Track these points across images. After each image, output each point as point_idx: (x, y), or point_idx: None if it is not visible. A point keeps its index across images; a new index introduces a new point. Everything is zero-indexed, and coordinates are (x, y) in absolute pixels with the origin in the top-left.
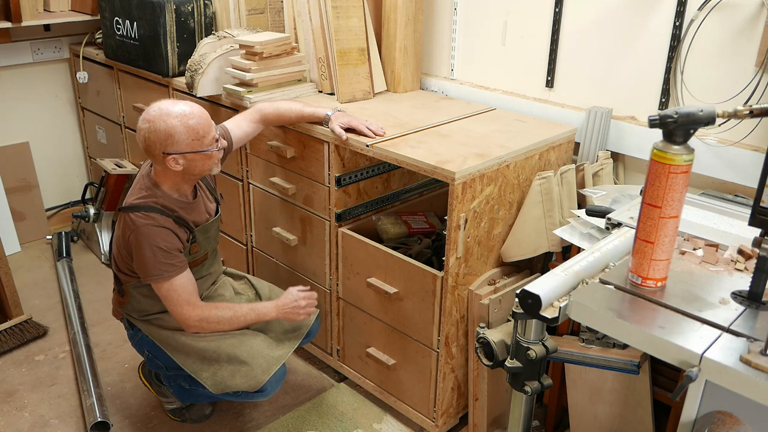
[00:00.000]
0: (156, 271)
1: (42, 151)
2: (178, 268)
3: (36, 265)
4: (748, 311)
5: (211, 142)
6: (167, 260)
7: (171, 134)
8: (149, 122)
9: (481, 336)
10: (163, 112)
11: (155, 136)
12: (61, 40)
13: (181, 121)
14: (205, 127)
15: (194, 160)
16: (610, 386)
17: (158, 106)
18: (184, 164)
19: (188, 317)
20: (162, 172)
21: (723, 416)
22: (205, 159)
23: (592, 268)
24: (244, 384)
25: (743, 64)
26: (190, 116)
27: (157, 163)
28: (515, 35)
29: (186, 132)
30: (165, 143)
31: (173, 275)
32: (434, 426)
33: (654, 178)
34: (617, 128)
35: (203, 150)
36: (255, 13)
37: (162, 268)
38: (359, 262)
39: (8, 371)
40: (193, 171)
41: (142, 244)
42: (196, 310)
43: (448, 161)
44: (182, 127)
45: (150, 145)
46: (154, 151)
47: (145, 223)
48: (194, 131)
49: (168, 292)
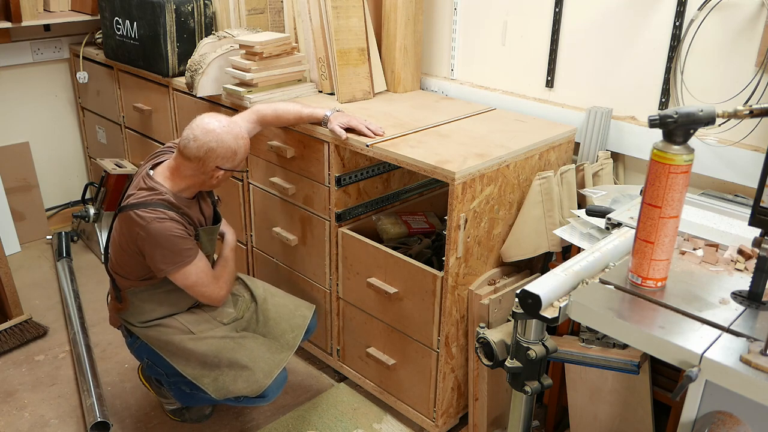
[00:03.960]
0: (179, 257)
1: (42, 151)
2: (196, 250)
3: (36, 265)
4: (748, 311)
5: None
6: (185, 246)
7: (236, 153)
8: (218, 137)
9: (481, 336)
10: (234, 131)
11: (223, 151)
12: (61, 40)
13: (244, 145)
14: (245, 153)
15: (226, 176)
16: (610, 386)
17: (222, 122)
18: (220, 178)
19: (218, 290)
20: (186, 175)
21: (723, 416)
22: (221, 176)
23: (592, 268)
24: (246, 389)
25: (743, 64)
26: (246, 141)
27: (197, 170)
28: (515, 35)
29: (243, 154)
30: (226, 159)
31: (194, 256)
32: (434, 426)
33: (654, 178)
34: (617, 128)
35: (241, 171)
36: (255, 13)
37: (184, 254)
38: (359, 262)
39: (8, 371)
40: (213, 184)
41: (157, 237)
42: (220, 280)
43: (448, 161)
44: (243, 150)
45: (211, 156)
46: (209, 162)
47: (155, 216)
48: (245, 154)
49: (197, 277)
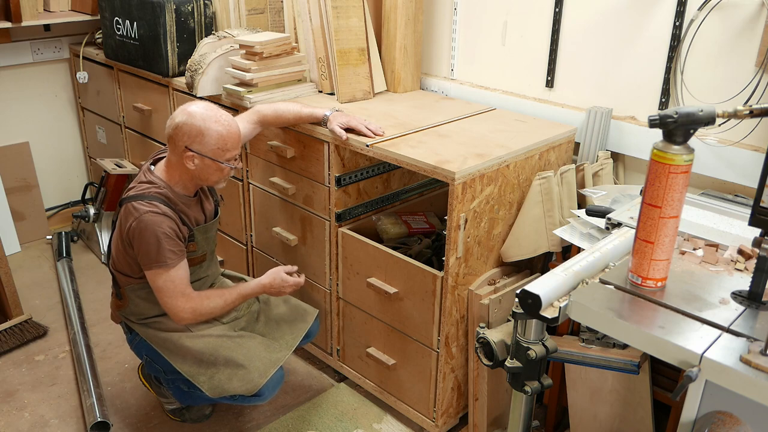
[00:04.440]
0: (160, 257)
1: (42, 151)
2: (179, 257)
3: (36, 265)
4: (748, 311)
5: (230, 159)
6: (170, 247)
7: (203, 134)
8: (189, 115)
9: (481, 336)
10: (206, 113)
11: (188, 128)
12: (61, 40)
13: (218, 128)
14: (233, 142)
15: (208, 167)
16: (610, 386)
17: (204, 105)
18: (198, 165)
19: (182, 309)
20: (174, 165)
21: (723, 416)
22: (218, 171)
23: (592, 268)
24: (241, 388)
25: (743, 64)
26: (227, 127)
27: (175, 154)
28: (515, 35)
29: (216, 139)
30: (193, 139)
31: (174, 264)
32: (434, 426)
33: (654, 178)
34: (617, 128)
35: (221, 162)
36: (255, 13)
37: (165, 255)
38: (359, 262)
39: (8, 371)
40: (201, 176)
41: (145, 231)
42: (190, 302)
43: (448, 161)
44: (216, 133)
45: (178, 134)
46: (178, 142)
47: (149, 209)
48: (223, 141)
49: (165, 283)
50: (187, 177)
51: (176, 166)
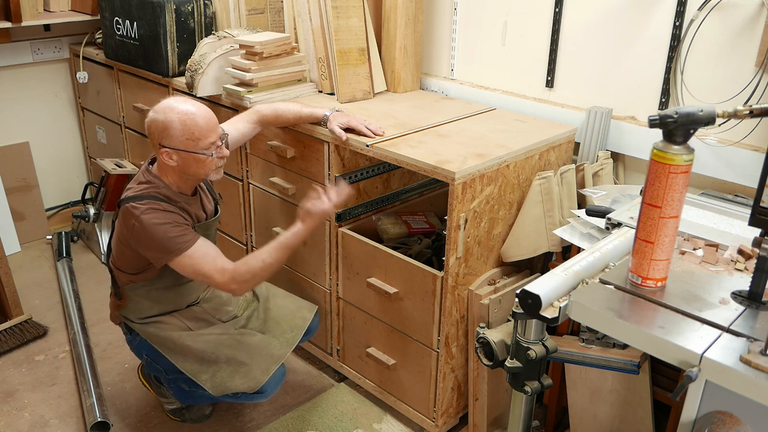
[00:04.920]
0: (173, 245)
1: (42, 151)
2: (193, 237)
3: (36, 265)
4: (748, 311)
5: (207, 147)
6: (180, 233)
7: (167, 128)
8: (155, 112)
9: (481, 336)
10: (168, 106)
11: (155, 126)
12: (61, 40)
13: (179, 118)
14: (202, 130)
15: (187, 160)
16: (610, 386)
17: (168, 100)
18: (177, 161)
19: (223, 284)
20: (163, 166)
21: (723, 416)
22: (199, 162)
23: (592, 268)
24: (244, 385)
25: (743, 64)
26: (190, 115)
27: (157, 154)
28: (515, 35)
29: (181, 129)
30: (161, 135)
31: (191, 243)
32: (434, 426)
33: (654, 178)
34: (617, 128)
35: (196, 152)
36: (255, 13)
37: (178, 240)
38: (359, 262)
39: (8, 371)
40: (187, 171)
41: (150, 226)
42: (225, 275)
43: (448, 161)
44: (179, 124)
45: (150, 134)
46: (153, 141)
47: (149, 207)
48: (189, 131)
49: (192, 266)
50: (177, 175)
51: (164, 166)
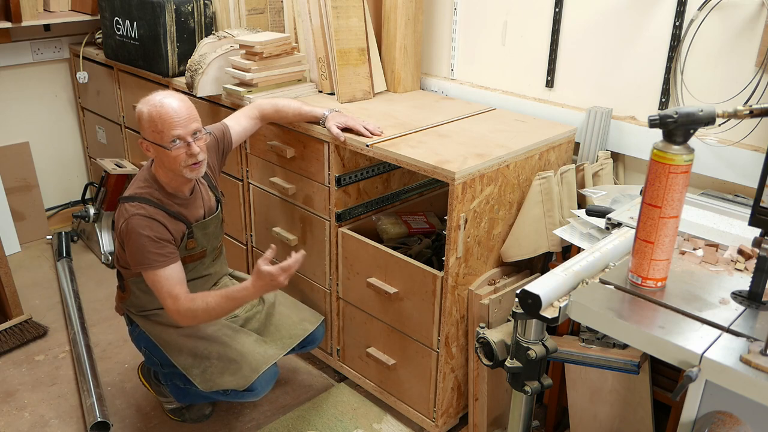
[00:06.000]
0: (145, 259)
1: (42, 151)
2: (168, 259)
3: (36, 265)
4: (748, 311)
5: (169, 140)
6: (156, 250)
7: (141, 119)
8: (139, 104)
9: (481, 336)
10: (148, 98)
11: (137, 117)
12: (61, 40)
13: (148, 110)
14: (165, 122)
15: (158, 153)
16: (610, 386)
17: (153, 93)
18: (153, 153)
19: (172, 310)
20: (155, 162)
21: (723, 416)
22: (167, 156)
23: (592, 268)
24: (233, 382)
25: (743, 64)
26: (158, 107)
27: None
28: (515, 35)
29: (148, 121)
30: (139, 126)
31: (162, 265)
32: (434, 426)
33: (654, 178)
34: (617, 128)
35: (161, 145)
36: (255, 13)
37: (150, 257)
38: (359, 262)
39: (8, 371)
40: (165, 165)
41: (132, 233)
42: (176, 303)
43: (448, 161)
44: (147, 115)
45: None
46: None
47: (136, 212)
48: (153, 123)
49: (154, 283)
50: (165, 171)
51: (156, 162)
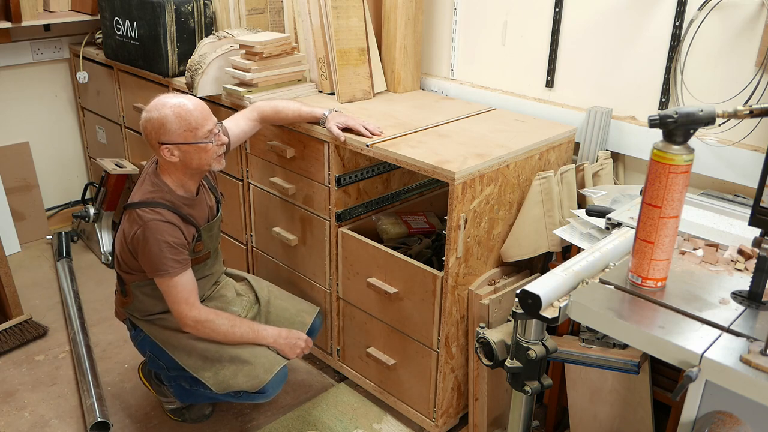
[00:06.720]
0: (162, 266)
1: (42, 151)
2: (183, 266)
3: (36, 265)
4: (748, 311)
5: (205, 135)
6: (173, 256)
7: (163, 123)
8: (147, 111)
9: (481, 336)
10: (160, 103)
11: (150, 125)
12: (61, 40)
13: (174, 111)
14: (198, 119)
15: (188, 152)
16: (610, 386)
17: (158, 98)
18: (179, 156)
19: (185, 316)
20: (165, 166)
21: (723, 416)
22: (201, 152)
23: (592, 268)
24: (246, 383)
25: (743, 64)
26: (183, 107)
27: (157, 154)
28: (515, 35)
29: (177, 122)
30: (159, 132)
31: (177, 272)
32: (434, 426)
33: (654, 178)
34: (617, 128)
35: (196, 142)
36: (255, 13)
37: (168, 264)
38: (359, 262)
39: (8, 371)
40: (191, 164)
41: (150, 239)
42: (192, 311)
43: (448, 161)
44: (174, 117)
45: (147, 134)
46: (152, 141)
47: (153, 218)
48: (186, 122)
49: (169, 289)
50: (181, 173)
51: (166, 166)
